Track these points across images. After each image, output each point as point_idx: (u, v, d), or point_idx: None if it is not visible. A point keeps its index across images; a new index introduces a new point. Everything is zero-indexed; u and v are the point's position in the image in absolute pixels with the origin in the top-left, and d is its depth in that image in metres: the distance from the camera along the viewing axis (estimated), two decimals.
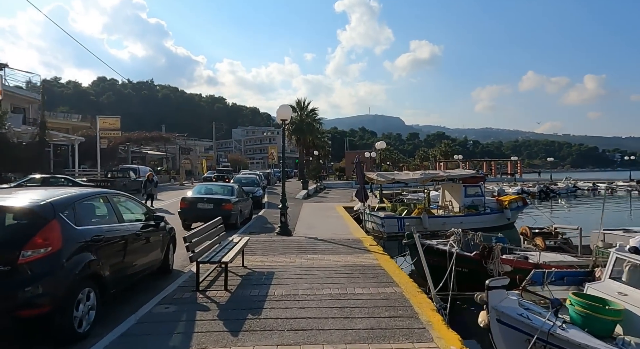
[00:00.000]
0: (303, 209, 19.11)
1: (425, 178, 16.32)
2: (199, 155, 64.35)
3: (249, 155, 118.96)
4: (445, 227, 16.82)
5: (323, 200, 25.08)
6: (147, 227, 5.84)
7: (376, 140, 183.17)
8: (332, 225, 13.27)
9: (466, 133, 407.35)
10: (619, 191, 48.32)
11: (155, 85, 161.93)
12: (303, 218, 15.18)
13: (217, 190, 13.05)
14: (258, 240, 9.48)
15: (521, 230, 10.46)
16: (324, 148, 62.94)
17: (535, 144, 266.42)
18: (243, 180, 21.44)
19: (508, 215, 17.53)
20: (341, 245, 8.90)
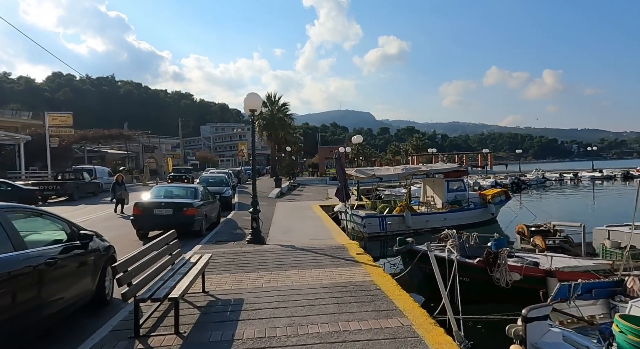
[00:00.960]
0: (277, 209, 17.69)
1: (408, 173, 15.31)
2: (165, 153, 61.19)
3: (218, 152, 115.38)
4: (428, 224, 15.92)
5: (298, 198, 23.72)
6: (68, 250, 4.32)
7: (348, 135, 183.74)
8: (310, 227, 11.96)
9: (435, 127, 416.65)
10: (584, 181, 49.89)
11: (116, 81, 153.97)
12: (277, 221, 13.78)
13: (177, 193, 11.42)
14: (225, 252, 8.02)
15: (517, 228, 9.58)
16: (297, 144, 61.46)
17: (499, 137, 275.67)
18: (210, 179, 19.72)
19: (492, 209, 16.84)
20: (324, 255, 7.60)
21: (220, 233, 10.88)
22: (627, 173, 51.66)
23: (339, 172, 10.78)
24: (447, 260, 7.13)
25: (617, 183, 47.89)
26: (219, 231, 11.21)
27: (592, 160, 65.66)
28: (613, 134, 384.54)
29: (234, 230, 11.56)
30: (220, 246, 8.77)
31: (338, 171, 10.81)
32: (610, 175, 51.39)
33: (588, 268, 6.85)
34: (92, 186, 23.86)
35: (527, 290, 6.78)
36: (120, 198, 15.76)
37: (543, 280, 6.64)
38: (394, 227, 15.07)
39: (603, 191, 40.47)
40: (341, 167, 10.85)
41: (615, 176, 51.13)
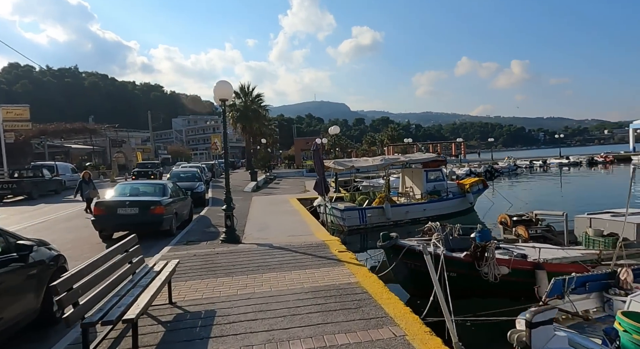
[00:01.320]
0: (253, 204, 17.05)
1: (387, 164, 14.98)
2: (135, 147, 58.82)
3: (191, 145, 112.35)
4: (408, 215, 15.72)
5: (274, 191, 23.10)
6: (0, 264, 3.63)
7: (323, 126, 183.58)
8: (288, 223, 11.44)
9: (408, 118, 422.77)
10: (552, 168, 51.59)
11: (80, 73, 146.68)
12: (254, 216, 13.18)
13: (144, 190, 10.59)
14: (196, 254, 7.39)
15: (500, 218, 9.40)
16: (272, 135, 60.47)
17: (471, 126, 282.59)
18: (182, 174, 18.79)
19: (470, 199, 16.82)
20: (304, 254, 7.11)
21: (192, 232, 10.20)
22: (592, 160, 53.79)
23: (317, 165, 10.27)
24: (434, 255, 6.79)
25: (583, 169, 49.77)
26: (191, 230, 10.52)
27: (559, 147, 68.07)
28: (576, 122, 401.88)
29: (207, 228, 10.88)
30: (191, 247, 8.13)
31: (316, 163, 10.30)
32: (577, 162, 53.34)
33: (576, 258, 6.70)
34: (53, 184, 22.35)
35: (516, 284, 6.55)
36: (89, 197, 14.29)
37: (532, 273, 6.42)
38: (374, 219, 14.78)
39: (571, 177, 41.89)
40: (319, 159, 10.33)
41: (581, 163, 53.11)
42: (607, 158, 53.27)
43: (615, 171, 45.91)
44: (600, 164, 52.26)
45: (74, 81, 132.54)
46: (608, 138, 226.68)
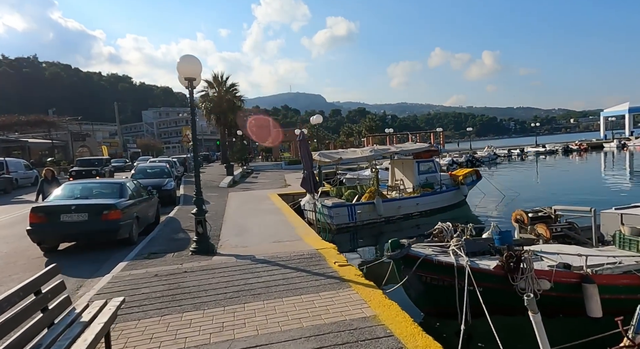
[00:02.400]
0: (230, 201, 15.43)
1: (377, 155, 13.68)
2: (101, 141, 55.33)
3: (163, 138, 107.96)
4: (400, 211, 14.52)
5: (253, 186, 21.46)
6: None
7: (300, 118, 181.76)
8: (270, 224, 9.96)
9: (384, 109, 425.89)
10: (529, 156, 52.07)
11: (40, 63, 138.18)
12: (230, 216, 11.61)
13: (97, 191, 8.81)
14: (159, 274, 5.81)
15: (515, 215, 8.25)
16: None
17: (445, 116, 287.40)
18: (148, 170, 16.86)
19: (465, 191, 15.81)
20: (295, 270, 5.67)
21: (157, 240, 8.55)
22: (567, 148, 54.66)
23: (304, 157, 8.80)
24: (457, 267, 5.51)
25: (559, 157, 50.44)
26: (156, 237, 8.85)
27: (529, 136, 69.33)
28: (544, 111, 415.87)
29: (176, 233, 9.25)
30: (152, 263, 6.53)
31: (303, 156, 8.83)
32: (553, 150, 54.07)
33: (629, 267, 5.59)
34: (2, 183, 19.89)
35: (558, 300, 5.37)
36: None
37: (578, 287, 5.26)
38: (364, 216, 13.50)
39: (549, 165, 42.16)
40: (307, 150, 8.85)
41: (557, 151, 53.89)
42: (581, 146, 54.26)
43: (588, 158, 46.71)
44: (575, 152, 53.16)
45: (34, 72, 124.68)
46: (574, 126, 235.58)
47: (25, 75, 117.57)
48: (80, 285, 5.81)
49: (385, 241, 13.44)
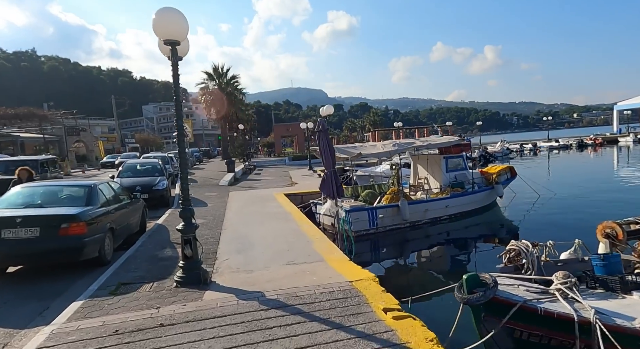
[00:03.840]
0: (231, 202, 13.53)
1: (401, 149, 11.72)
2: (97, 136, 53.42)
3: (163, 133, 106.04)
4: (427, 215, 12.57)
5: (256, 184, 19.55)
6: None
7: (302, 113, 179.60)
8: (280, 234, 8.05)
9: (386, 104, 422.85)
10: (542, 151, 49.96)
11: (39, 56, 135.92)
12: (231, 223, 9.71)
13: (56, 196, 6.85)
14: (120, 329, 3.88)
15: (603, 227, 6.29)
16: (250, 121, 56.26)
17: (447, 111, 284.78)
18: (139, 167, 14.92)
19: (500, 191, 13.84)
20: (326, 324, 3.73)
21: (136, 259, 6.63)
22: (582, 142, 52.51)
23: (324, 152, 6.83)
24: (578, 322, 3.58)
25: (573, 152, 48.32)
26: (135, 255, 6.93)
27: (532, 131, 67.22)
28: (546, 106, 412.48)
29: (162, 249, 7.32)
30: (118, 303, 4.60)
31: (323, 150, 6.86)
32: (567, 144, 51.95)
33: None
34: None
35: None
36: None
37: None
38: (387, 221, 11.60)
39: (569, 159, 40.12)
40: (328, 143, 6.86)
41: (571, 146, 51.76)
42: (596, 141, 52.11)
43: (605, 153, 44.58)
44: (590, 147, 51.03)
45: (32, 66, 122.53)
46: (577, 121, 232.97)
47: (23, 69, 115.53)
48: (4, 344, 3.90)
49: (411, 250, 11.51)
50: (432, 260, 10.72)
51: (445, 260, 10.76)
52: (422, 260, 10.74)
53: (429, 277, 9.25)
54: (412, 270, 10.00)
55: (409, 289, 8.46)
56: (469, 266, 9.98)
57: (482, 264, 9.57)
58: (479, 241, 11.95)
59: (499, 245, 11.69)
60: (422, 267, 10.13)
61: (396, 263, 10.62)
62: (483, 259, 10.20)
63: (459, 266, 10.09)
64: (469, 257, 10.71)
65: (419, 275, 9.55)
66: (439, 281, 8.90)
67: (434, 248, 11.50)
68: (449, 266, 10.21)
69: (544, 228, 12.32)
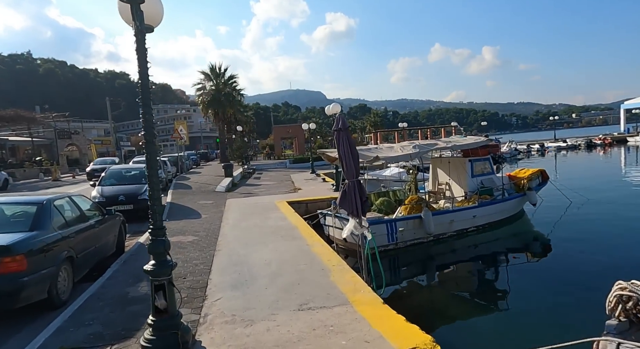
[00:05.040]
0: (227, 213, 11.95)
1: (422, 152, 10.14)
2: (91, 139, 51.77)
3: (161, 136, 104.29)
4: (453, 226, 11.01)
5: (255, 190, 17.95)
6: None
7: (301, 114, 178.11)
8: (288, 258, 6.47)
9: (385, 105, 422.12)
10: (550, 152, 48.49)
11: (34, 59, 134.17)
12: (227, 241, 8.12)
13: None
14: None
15: None
16: (249, 123, 54.71)
17: (446, 112, 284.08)
18: (124, 173, 13.29)
19: (534, 198, 12.24)
20: None
21: (95, 304, 5.00)
22: (590, 142, 51.04)
23: (344, 157, 5.23)
24: None
25: (582, 152, 46.86)
26: (97, 295, 5.29)
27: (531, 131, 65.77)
28: (545, 106, 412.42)
29: (134, 285, 5.68)
30: None
31: (344, 155, 5.26)
32: (575, 145, 50.47)
33: None
34: None
35: None
36: None
37: None
38: (408, 235, 10.02)
39: (577, 161, 38.61)
40: (350, 145, 5.25)
41: (580, 146, 50.29)
42: (605, 141, 50.65)
43: (614, 153, 43.10)
44: (599, 147, 49.57)
45: (27, 68, 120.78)
46: (576, 121, 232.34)
47: (18, 71, 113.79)
48: None
49: (436, 268, 9.85)
50: (462, 279, 9.20)
51: (477, 280, 9.22)
52: (450, 279, 9.22)
53: (460, 301, 7.84)
54: (440, 293, 8.45)
55: (440, 315, 7.03)
56: (502, 285, 8.54)
57: (517, 283, 8.27)
58: (511, 256, 10.41)
59: (533, 259, 10.19)
60: (451, 288, 8.62)
61: (420, 284, 9.06)
62: (517, 277, 8.79)
63: (492, 286, 8.66)
64: (501, 275, 9.24)
65: (449, 297, 8.10)
66: (472, 306, 7.57)
67: (462, 265, 9.95)
68: (482, 286, 8.68)
69: (589, 241, 10.78)
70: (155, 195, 3.76)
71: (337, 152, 5.57)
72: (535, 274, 9.00)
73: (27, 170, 30.58)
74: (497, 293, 8.15)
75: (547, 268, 9.34)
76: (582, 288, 7.58)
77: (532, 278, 8.71)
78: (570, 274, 8.61)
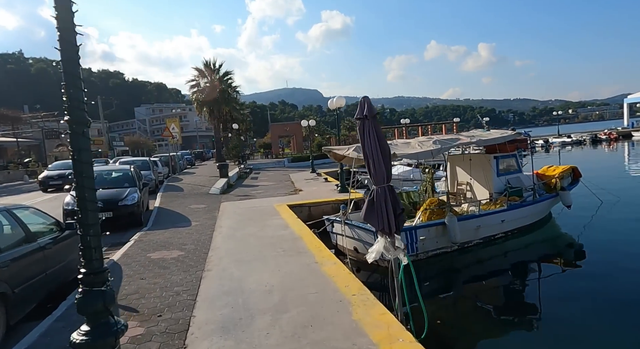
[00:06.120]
0: (221, 219, 10.55)
1: (444, 148, 8.75)
2: None
3: (156, 136, 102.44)
4: (480, 233, 9.63)
5: (253, 192, 16.53)
6: None
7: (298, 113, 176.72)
8: (293, 287, 5.08)
9: (381, 102, 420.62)
10: (555, 147, 47.28)
11: (26, 58, 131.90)
12: (219, 258, 6.72)
13: None
14: None
15: None
16: (245, 121, 53.15)
17: (443, 109, 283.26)
18: (104, 176, 11.82)
19: (568, 199, 10.86)
20: None
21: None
22: (595, 137, 49.87)
23: (374, 154, 3.79)
24: None
25: (587, 148, 45.67)
26: (36, 347, 3.89)
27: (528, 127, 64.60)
28: (541, 103, 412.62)
29: None
30: None
31: (371, 151, 3.83)
32: (580, 140, 49.27)
33: None
34: None
35: None
36: None
37: None
38: (430, 244, 8.65)
39: (586, 156, 37.36)
40: (378, 138, 3.80)
41: (585, 141, 49.09)
42: (611, 135, 49.48)
43: (620, 148, 41.91)
44: (605, 142, 48.39)
45: (19, 67, 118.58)
46: (572, 117, 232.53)
47: (9, 71, 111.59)
48: None
49: (463, 282, 8.38)
50: (492, 295, 7.88)
51: (509, 295, 7.89)
52: (479, 296, 7.87)
53: (493, 323, 6.58)
54: (469, 313, 7.10)
55: (472, 340, 5.72)
56: (539, 301, 7.23)
57: (553, 299, 7.07)
58: (544, 266, 9.09)
59: (567, 268, 8.87)
60: (481, 308, 7.32)
61: (446, 303, 7.67)
62: (553, 291, 7.53)
63: (529, 304, 7.32)
64: (536, 289, 7.97)
65: (480, 319, 6.84)
66: (507, 328, 6.40)
67: (492, 279, 8.61)
68: (516, 305, 7.35)
69: (626, 246, 9.50)
70: (90, 220, 2.34)
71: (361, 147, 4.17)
72: (571, 287, 7.77)
73: (12, 172, 29.01)
74: (534, 313, 6.87)
75: (582, 279, 8.11)
76: (624, 303, 6.62)
77: (568, 292, 7.50)
78: (609, 285, 7.50)
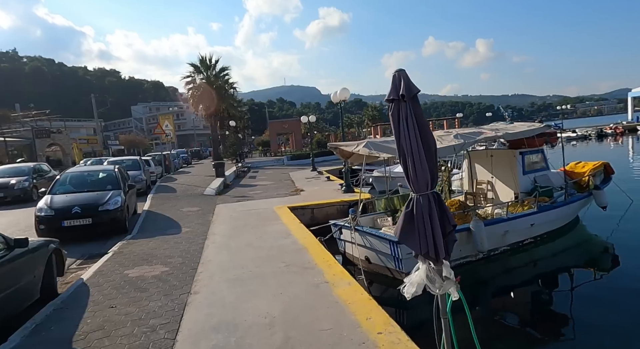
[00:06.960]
0: (215, 224, 9.45)
1: (468, 143, 7.65)
2: (76, 138, 48.79)
3: (153, 134, 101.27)
4: (507, 239, 8.54)
5: (250, 193, 15.40)
6: None
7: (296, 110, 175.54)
8: (303, 324, 3.99)
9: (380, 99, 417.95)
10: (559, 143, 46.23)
11: (20, 57, 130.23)
12: (209, 277, 5.61)
13: None
14: None
15: None
16: (243, 118, 51.96)
17: (442, 105, 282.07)
18: (86, 176, 10.67)
19: (604, 199, 9.75)
20: None
21: None
22: (601, 132, 48.83)
23: (412, 148, 2.72)
24: None
25: (593, 143, 44.59)
26: None
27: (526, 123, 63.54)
28: (539, 98, 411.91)
29: None
30: None
31: (407, 145, 2.75)
32: (585, 135, 48.20)
33: None
34: None
35: None
36: None
37: None
38: (453, 253, 7.47)
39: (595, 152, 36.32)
40: (417, 124, 2.70)
41: (590, 136, 48.05)
42: (617, 130, 48.42)
43: (627, 143, 40.85)
44: (610, 136, 47.34)
45: (13, 66, 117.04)
46: (571, 112, 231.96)
47: (3, 69, 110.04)
48: None
49: (492, 295, 7.32)
50: (526, 310, 6.87)
51: (544, 310, 6.81)
52: (511, 311, 6.85)
53: (529, 340, 5.65)
54: (501, 331, 6.04)
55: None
56: (576, 316, 6.21)
57: (590, 311, 6.21)
58: (578, 274, 8.04)
59: (603, 275, 7.82)
60: (513, 325, 6.28)
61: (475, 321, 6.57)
62: (591, 304, 6.56)
63: (567, 318, 6.29)
64: (573, 302, 6.92)
65: (515, 336, 5.78)
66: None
67: (522, 291, 7.54)
68: (553, 320, 6.28)
69: None
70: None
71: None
72: (608, 297, 6.75)
73: None
74: (575, 328, 5.84)
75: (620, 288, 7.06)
76: None
77: (607, 303, 6.50)
78: None
